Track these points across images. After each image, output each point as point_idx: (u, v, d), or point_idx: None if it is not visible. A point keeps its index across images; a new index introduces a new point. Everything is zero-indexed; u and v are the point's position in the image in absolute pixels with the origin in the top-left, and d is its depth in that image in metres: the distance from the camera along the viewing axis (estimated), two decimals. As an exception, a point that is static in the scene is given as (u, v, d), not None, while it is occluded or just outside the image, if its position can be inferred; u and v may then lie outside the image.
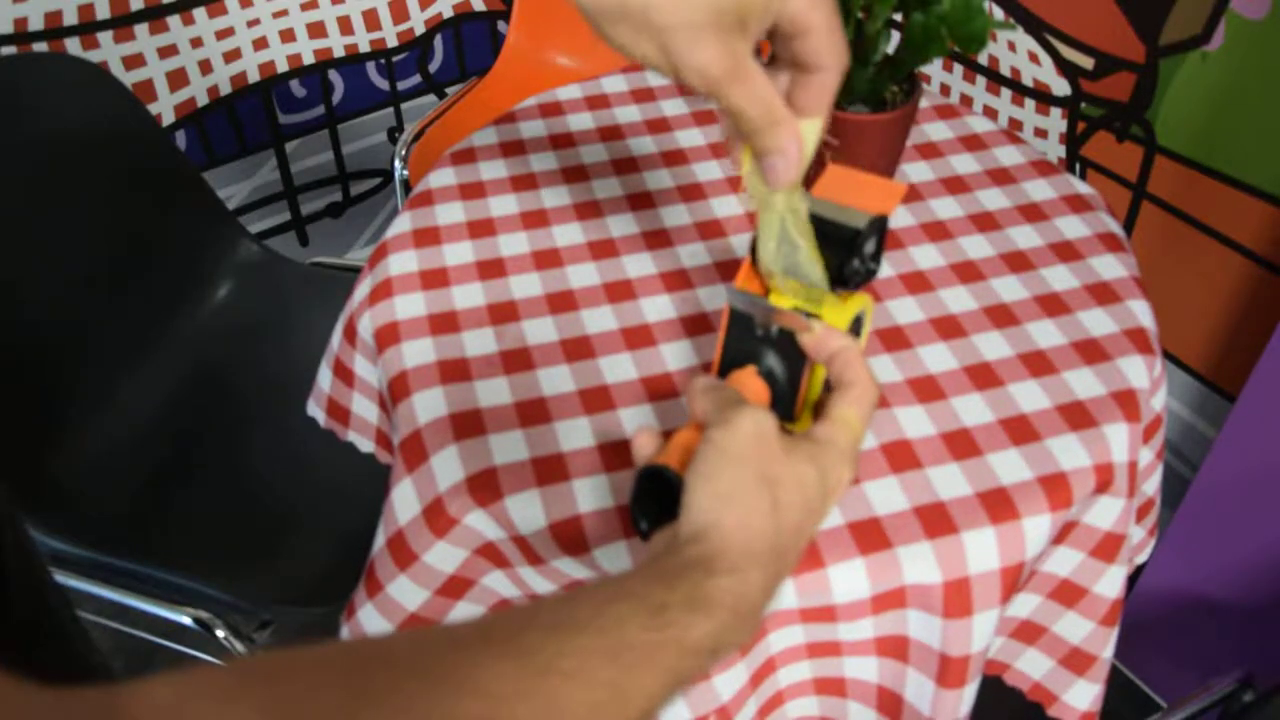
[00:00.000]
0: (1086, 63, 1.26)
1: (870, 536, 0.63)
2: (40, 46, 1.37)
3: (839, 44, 0.49)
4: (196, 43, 1.49)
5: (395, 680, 0.33)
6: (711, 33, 0.45)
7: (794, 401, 0.56)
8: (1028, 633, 0.76)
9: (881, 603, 0.63)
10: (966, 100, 1.44)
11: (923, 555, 0.63)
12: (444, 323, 0.76)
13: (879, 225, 0.56)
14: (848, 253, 0.54)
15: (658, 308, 0.78)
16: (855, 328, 0.59)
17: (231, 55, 1.54)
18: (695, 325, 0.76)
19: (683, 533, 0.45)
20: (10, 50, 1.34)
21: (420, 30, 1.70)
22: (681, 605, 0.40)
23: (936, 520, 0.64)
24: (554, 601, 0.40)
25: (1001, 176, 0.89)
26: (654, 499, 0.50)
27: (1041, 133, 1.36)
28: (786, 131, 0.49)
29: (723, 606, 0.41)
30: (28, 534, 0.61)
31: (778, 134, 0.49)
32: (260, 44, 1.56)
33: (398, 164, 1.50)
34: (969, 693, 0.66)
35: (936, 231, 0.84)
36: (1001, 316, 0.77)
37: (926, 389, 0.72)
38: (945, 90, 1.46)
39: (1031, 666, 0.78)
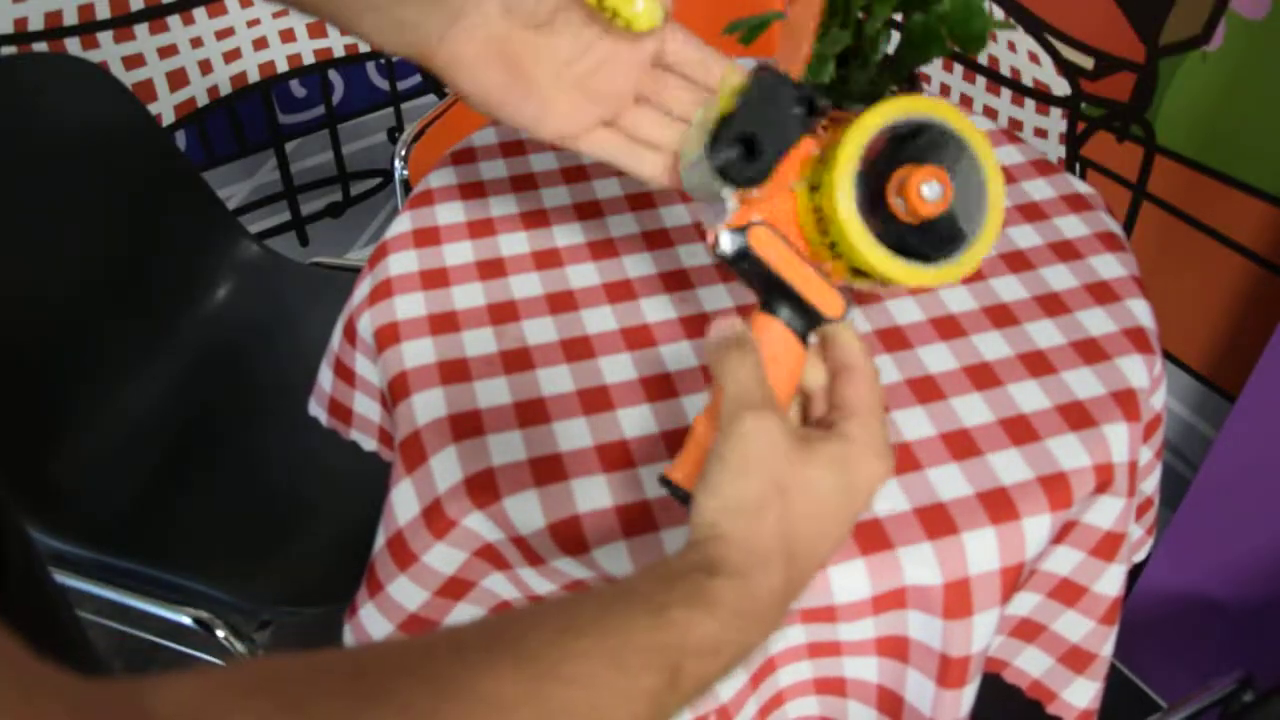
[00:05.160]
0: (1086, 63, 1.26)
1: (870, 537, 0.63)
2: (40, 46, 1.37)
3: None
4: (196, 43, 1.49)
5: (399, 686, 0.34)
6: None
7: (797, 298, 0.50)
8: (1027, 631, 0.76)
9: (882, 603, 0.63)
10: (966, 100, 1.44)
11: (923, 556, 0.63)
12: (444, 323, 0.76)
13: (765, 93, 0.47)
14: (713, 140, 0.47)
15: (657, 308, 0.78)
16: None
17: (231, 55, 1.54)
18: (695, 326, 0.76)
19: (691, 533, 0.45)
20: (10, 50, 1.34)
21: (420, 30, 1.70)
22: (682, 604, 0.40)
23: (937, 521, 0.64)
24: (558, 604, 0.40)
25: (1001, 176, 0.89)
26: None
27: (1041, 133, 1.36)
28: None
29: (724, 605, 0.41)
30: (28, 536, 0.62)
31: None
32: (260, 44, 1.56)
33: (398, 164, 1.50)
34: (969, 693, 0.66)
35: (936, 231, 0.84)
36: (1001, 316, 0.77)
37: (926, 389, 0.72)
38: (945, 90, 1.46)
39: (1031, 664, 0.78)
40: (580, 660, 0.37)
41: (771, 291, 0.50)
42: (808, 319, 0.50)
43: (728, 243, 0.49)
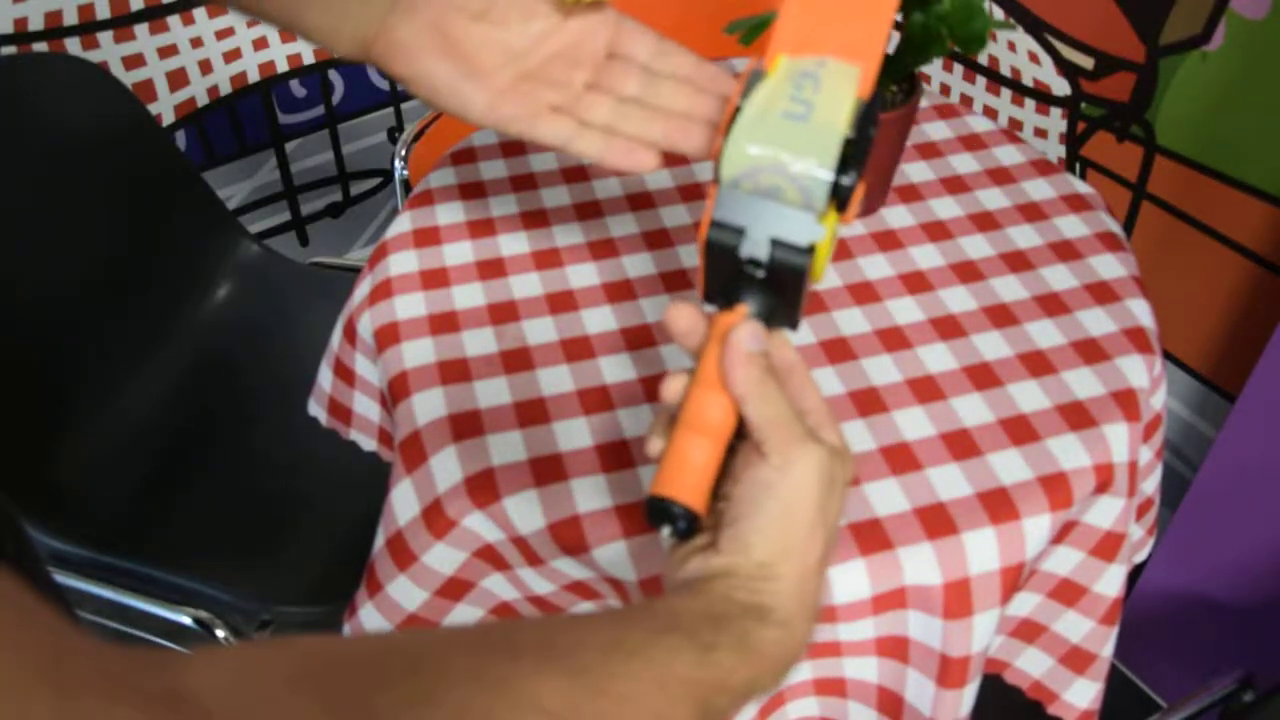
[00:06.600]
0: (1086, 63, 1.26)
1: (870, 537, 0.63)
2: (40, 46, 1.37)
3: None
4: (196, 43, 1.49)
5: (454, 686, 0.34)
6: None
7: (798, 311, 0.49)
8: (1028, 631, 0.76)
9: (882, 603, 0.63)
10: (966, 100, 1.44)
11: (923, 556, 0.63)
12: (444, 323, 0.76)
13: (866, 114, 0.46)
14: (843, 160, 0.44)
15: (657, 308, 0.78)
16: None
17: (231, 55, 1.54)
18: (695, 325, 0.76)
19: (738, 568, 0.44)
20: (10, 50, 1.34)
21: (420, 30, 1.70)
22: (729, 648, 0.41)
23: (936, 521, 0.64)
24: (606, 619, 0.41)
25: (1001, 176, 0.89)
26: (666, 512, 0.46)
27: (1041, 133, 1.36)
28: None
29: (766, 656, 0.42)
30: (28, 537, 0.62)
31: None
32: (260, 44, 1.56)
33: (398, 164, 1.50)
34: (969, 693, 0.66)
35: (936, 231, 0.84)
36: (1001, 316, 0.77)
37: (926, 389, 0.72)
38: (945, 90, 1.46)
39: (1031, 665, 0.78)
40: (630, 680, 0.37)
41: (772, 298, 0.49)
42: (779, 326, 0.50)
43: (785, 255, 0.47)
